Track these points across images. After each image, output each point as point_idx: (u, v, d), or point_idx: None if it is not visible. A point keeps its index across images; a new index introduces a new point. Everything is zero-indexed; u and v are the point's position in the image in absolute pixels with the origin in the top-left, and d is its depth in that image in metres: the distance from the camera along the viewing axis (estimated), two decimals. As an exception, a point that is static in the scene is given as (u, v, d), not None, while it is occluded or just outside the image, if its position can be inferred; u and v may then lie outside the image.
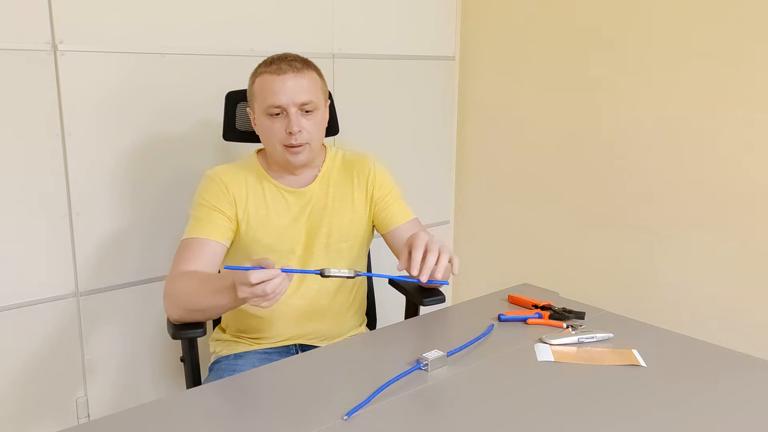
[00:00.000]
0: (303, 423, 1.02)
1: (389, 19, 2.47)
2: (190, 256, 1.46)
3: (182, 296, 1.40)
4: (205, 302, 1.36)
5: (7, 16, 1.70)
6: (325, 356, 1.29)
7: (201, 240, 1.48)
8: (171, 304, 1.43)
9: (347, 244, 1.62)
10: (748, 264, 1.98)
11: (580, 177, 2.38)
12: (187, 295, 1.39)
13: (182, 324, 1.45)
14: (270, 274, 1.17)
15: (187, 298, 1.39)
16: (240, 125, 1.77)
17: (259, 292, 1.18)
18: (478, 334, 1.35)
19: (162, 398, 1.12)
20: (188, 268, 1.44)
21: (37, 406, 1.91)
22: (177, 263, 1.47)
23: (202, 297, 1.36)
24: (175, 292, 1.42)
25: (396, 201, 1.66)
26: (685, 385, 1.16)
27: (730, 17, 1.94)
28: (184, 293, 1.40)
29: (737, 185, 1.98)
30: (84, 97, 1.85)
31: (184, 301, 1.40)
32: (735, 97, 1.96)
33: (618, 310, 1.50)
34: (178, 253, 1.49)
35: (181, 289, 1.41)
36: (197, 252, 1.47)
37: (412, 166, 2.67)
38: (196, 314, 1.41)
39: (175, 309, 1.43)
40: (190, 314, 1.41)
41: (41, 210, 1.83)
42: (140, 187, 1.99)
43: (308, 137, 1.49)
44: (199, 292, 1.37)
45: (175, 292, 1.42)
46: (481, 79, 2.67)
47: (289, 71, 1.46)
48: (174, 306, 1.42)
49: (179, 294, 1.41)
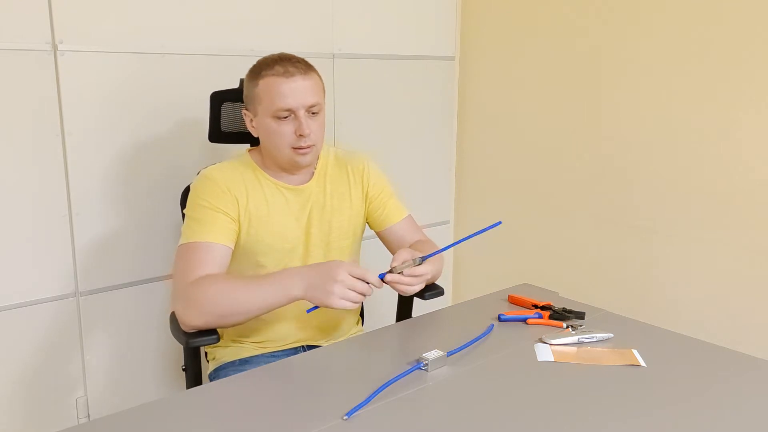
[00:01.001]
0: (303, 423, 1.02)
1: (389, 19, 2.47)
2: (203, 260, 1.40)
3: (211, 301, 1.34)
4: (246, 303, 1.33)
5: (7, 16, 1.70)
6: (325, 356, 1.29)
7: (209, 244, 1.43)
8: (195, 311, 1.36)
9: (347, 241, 1.62)
10: (748, 264, 1.98)
11: (580, 177, 2.38)
12: (218, 297, 1.34)
13: (194, 332, 1.40)
14: (369, 278, 1.29)
15: (218, 301, 1.34)
16: (225, 126, 1.73)
17: (358, 286, 1.28)
18: (478, 334, 1.35)
19: (162, 398, 1.12)
20: (207, 274, 1.39)
21: (37, 406, 1.91)
22: (188, 269, 1.40)
23: (240, 298, 1.33)
24: (202, 298, 1.34)
25: (390, 199, 1.66)
26: (685, 385, 1.16)
27: (730, 17, 1.94)
28: (212, 297, 1.34)
29: (737, 185, 1.98)
30: (84, 97, 1.85)
31: (215, 306, 1.34)
32: (735, 97, 1.96)
33: (618, 310, 1.50)
34: (184, 257, 1.42)
35: (207, 293, 1.35)
36: (207, 256, 1.41)
37: (412, 166, 2.67)
38: (229, 319, 1.36)
39: (199, 315, 1.36)
40: (222, 319, 1.36)
41: (41, 210, 1.83)
42: (141, 187, 1.99)
43: (315, 139, 1.49)
44: (235, 292, 1.33)
45: (202, 298, 1.34)
46: (481, 79, 2.67)
47: (297, 74, 1.45)
48: (198, 312, 1.36)
49: (205, 299, 1.35)
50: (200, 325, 1.38)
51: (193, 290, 1.36)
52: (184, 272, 1.40)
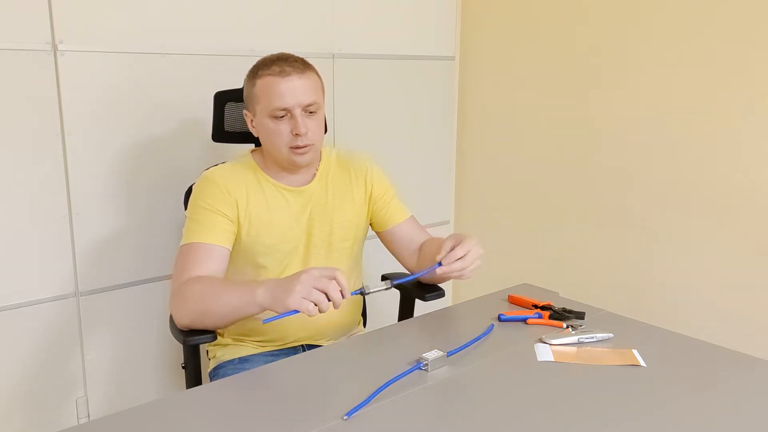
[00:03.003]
0: (303, 423, 1.02)
1: (389, 19, 2.47)
2: (198, 261, 1.42)
3: (193, 300, 1.36)
4: (219, 304, 1.32)
5: (7, 16, 1.70)
6: (325, 356, 1.29)
7: (207, 245, 1.44)
8: (181, 310, 1.38)
9: (349, 242, 1.62)
10: (748, 264, 1.98)
11: (580, 177, 2.38)
12: (199, 297, 1.35)
13: (191, 330, 1.41)
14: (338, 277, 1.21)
15: (198, 300, 1.35)
16: (229, 126, 1.74)
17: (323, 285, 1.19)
18: (478, 334, 1.35)
19: (162, 398, 1.12)
20: (198, 275, 1.40)
21: (37, 406, 1.91)
22: (184, 269, 1.42)
23: (215, 299, 1.33)
24: (188, 297, 1.36)
25: (393, 199, 1.67)
26: (685, 385, 1.16)
27: (730, 17, 1.94)
28: (195, 297, 1.36)
29: (737, 185, 1.98)
30: (84, 97, 1.85)
31: (196, 304, 1.35)
32: (734, 98, 1.96)
33: (618, 310, 1.50)
34: (182, 258, 1.44)
35: (192, 293, 1.36)
36: (205, 257, 1.43)
37: (412, 166, 2.67)
38: (206, 319, 1.37)
39: (185, 314, 1.38)
40: (201, 318, 1.37)
41: (41, 210, 1.83)
42: (140, 187, 1.99)
43: (313, 138, 1.49)
44: (212, 294, 1.33)
45: (188, 297, 1.36)
46: (481, 79, 2.67)
47: (294, 73, 1.45)
48: (184, 311, 1.38)
49: (190, 298, 1.36)
50: (187, 324, 1.40)
51: (181, 289, 1.39)
52: (180, 272, 1.42)
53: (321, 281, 1.20)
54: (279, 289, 1.23)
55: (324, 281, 1.20)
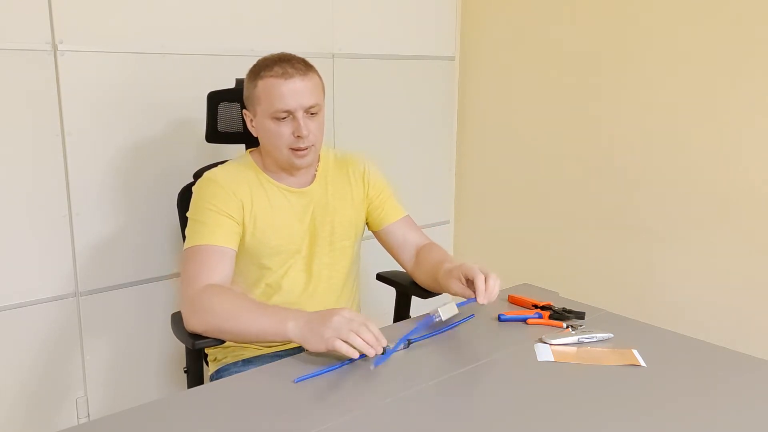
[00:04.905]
0: (303, 423, 1.02)
1: (389, 19, 2.47)
2: (211, 265, 1.40)
3: (214, 313, 1.34)
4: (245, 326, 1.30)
5: (7, 16, 1.70)
6: (324, 356, 1.29)
7: (216, 248, 1.43)
8: (199, 318, 1.35)
9: (350, 242, 1.62)
10: (747, 264, 1.98)
11: (580, 177, 2.38)
12: (221, 311, 1.33)
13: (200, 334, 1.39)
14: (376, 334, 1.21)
15: (220, 315, 1.33)
16: (222, 126, 1.72)
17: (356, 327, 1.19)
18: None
19: (162, 398, 1.12)
20: (213, 280, 1.39)
21: (37, 406, 1.91)
22: (197, 274, 1.39)
23: (241, 320, 1.31)
24: (208, 307, 1.34)
25: (389, 199, 1.67)
26: (685, 385, 1.16)
27: (730, 18, 1.94)
28: (216, 310, 1.34)
29: (737, 185, 1.98)
30: (84, 97, 1.85)
31: (217, 319, 1.33)
32: (734, 98, 1.96)
33: (618, 310, 1.50)
34: (192, 261, 1.42)
35: (213, 305, 1.34)
36: (216, 260, 1.41)
37: (412, 166, 2.67)
38: (225, 334, 1.35)
39: (201, 323, 1.35)
40: (218, 332, 1.35)
41: (41, 210, 1.83)
42: (141, 187, 1.99)
43: (314, 139, 1.49)
44: (238, 314, 1.32)
45: (208, 308, 1.34)
46: (481, 79, 2.67)
47: (296, 75, 1.44)
48: (202, 321, 1.35)
49: (210, 310, 1.34)
50: (200, 332, 1.37)
51: (200, 298, 1.36)
52: (193, 277, 1.39)
53: (353, 324, 1.21)
54: (311, 332, 1.23)
55: (355, 325, 1.21)
